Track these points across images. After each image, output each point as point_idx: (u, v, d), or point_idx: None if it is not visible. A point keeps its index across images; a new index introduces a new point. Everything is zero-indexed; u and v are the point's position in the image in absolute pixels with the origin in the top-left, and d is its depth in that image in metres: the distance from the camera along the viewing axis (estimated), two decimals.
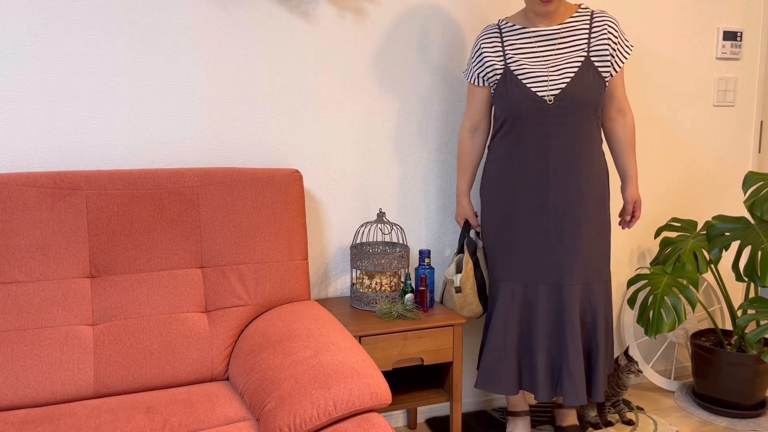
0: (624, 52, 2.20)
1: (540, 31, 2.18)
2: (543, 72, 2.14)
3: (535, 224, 2.21)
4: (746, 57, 3.02)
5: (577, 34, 2.17)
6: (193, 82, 2.20)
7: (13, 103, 2.01)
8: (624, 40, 2.20)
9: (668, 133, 2.94)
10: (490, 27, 2.24)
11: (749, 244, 2.52)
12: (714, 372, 2.70)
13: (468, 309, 2.36)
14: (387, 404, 1.64)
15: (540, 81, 2.14)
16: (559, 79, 2.13)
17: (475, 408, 2.77)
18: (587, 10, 2.21)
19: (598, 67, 2.15)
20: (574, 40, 2.16)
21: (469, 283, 2.34)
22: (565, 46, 2.16)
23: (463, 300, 2.35)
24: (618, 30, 2.19)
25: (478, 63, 2.24)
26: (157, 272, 1.98)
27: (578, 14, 2.20)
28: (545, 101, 2.13)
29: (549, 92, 2.13)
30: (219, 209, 2.05)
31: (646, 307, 2.58)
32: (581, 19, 2.19)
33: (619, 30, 2.19)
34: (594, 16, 2.19)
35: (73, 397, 1.82)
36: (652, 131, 2.91)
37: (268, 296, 2.08)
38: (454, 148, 2.57)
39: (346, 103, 2.40)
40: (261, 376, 1.74)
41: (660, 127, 2.92)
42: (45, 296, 1.86)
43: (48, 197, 1.88)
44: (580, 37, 2.16)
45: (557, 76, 2.13)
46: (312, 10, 2.31)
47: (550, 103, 2.13)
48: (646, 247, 2.99)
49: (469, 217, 2.41)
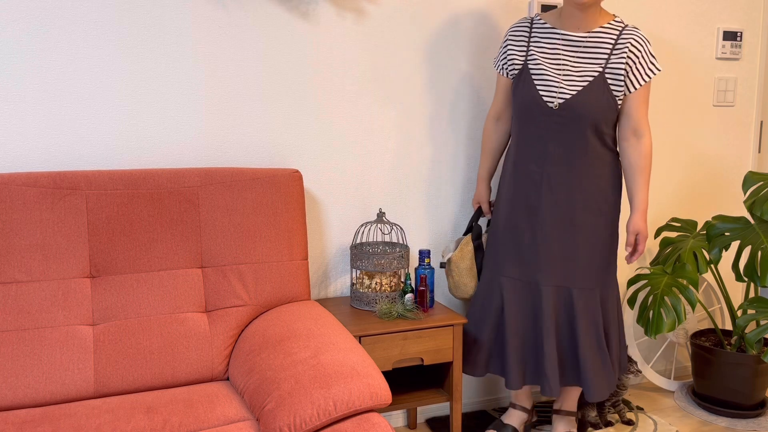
0: (645, 72, 2.13)
1: (567, 36, 2.17)
2: (555, 78, 2.15)
3: (524, 223, 2.25)
4: (746, 57, 3.02)
5: (601, 46, 2.14)
6: (193, 82, 2.20)
7: (13, 103, 2.01)
8: (649, 61, 2.13)
9: (668, 132, 2.94)
10: (523, 20, 2.27)
11: (749, 244, 2.52)
12: (714, 372, 2.70)
13: (461, 290, 2.43)
14: (387, 404, 1.64)
15: (550, 86, 2.15)
16: (568, 88, 2.13)
17: (475, 408, 2.77)
18: (620, 23, 2.15)
19: (610, 85, 2.12)
20: (595, 52, 2.14)
21: (463, 264, 2.40)
22: (585, 56, 2.15)
23: (458, 280, 2.41)
24: (642, 49, 2.12)
25: (502, 54, 2.29)
26: (157, 272, 1.98)
27: (609, 26, 2.15)
28: (548, 107, 2.15)
29: (555, 99, 2.14)
30: (219, 209, 2.05)
31: (646, 307, 2.58)
32: (610, 31, 2.14)
33: (644, 49, 2.12)
34: (623, 31, 2.14)
35: (73, 397, 1.82)
36: (652, 131, 2.91)
37: (268, 296, 2.08)
38: (454, 148, 2.57)
39: (346, 102, 2.40)
40: (261, 376, 1.74)
41: (660, 127, 2.92)
42: (45, 296, 1.86)
43: (48, 197, 1.88)
44: (603, 50, 2.13)
45: (567, 85, 2.13)
46: (312, 10, 2.31)
47: (555, 110, 2.14)
48: (646, 247, 2.99)
49: (482, 203, 2.47)
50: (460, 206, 2.62)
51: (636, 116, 2.18)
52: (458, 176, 2.60)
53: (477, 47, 2.55)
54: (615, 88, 2.13)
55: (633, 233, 2.25)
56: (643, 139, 2.19)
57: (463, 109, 2.56)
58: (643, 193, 2.21)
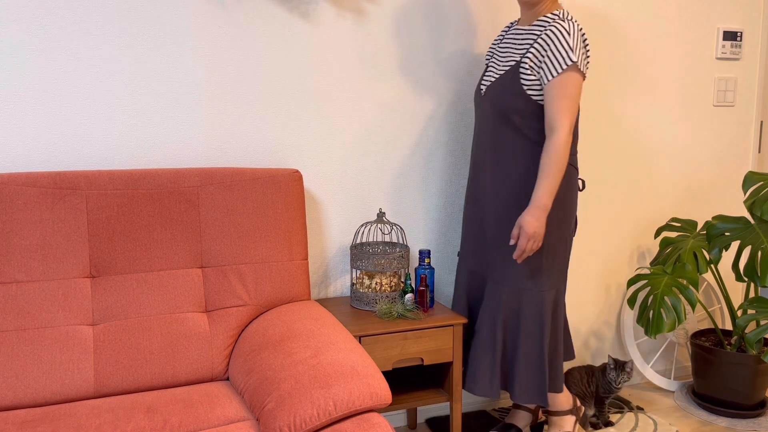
0: (557, 63, 2.01)
1: (514, 30, 2.22)
2: (493, 69, 2.22)
3: (469, 211, 2.36)
4: (746, 57, 3.02)
5: (529, 37, 2.12)
6: (193, 82, 2.20)
7: (13, 103, 2.01)
8: (561, 51, 2.01)
9: (668, 133, 2.94)
10: (504, 27, 2.35)
11: (749, 244, 2.52)
12: (714, 372, 2.70)
13: None
14: (387, 404, 1.64)
15: (487, 77, 2.23)
16: (492, 77, 2.20)
17: (475, 408, 2.77)
18: (555, 15, 2.09)
19: (521, 73, 2.09)
20: (522, 43, 2.14)
21: None
22: (514, 47, 2.17)
23: None
24: (555, 39, 2.02)
25: None
26: (157, 272, 1.98)
27: (543, 19, 2.11)
28: (481, 96, 2.24)
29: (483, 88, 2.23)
30: (219, 209, 2.05)
31: (646, 307, 2.58)
32: (542, 23, 2.10)
33: (558, 39, 2.02)
34: (552, 22, 2.06)
35: (73, 397, 1.82)
36: (652, 131, 2.91)
37: (268, 296, 2.08)
38: (454, 148, 2.57)
39: (346, 103, 2.40)
40: (261, 376, 1.74)
41: (660, 127, 2.92)
42: (45, 296, 1.86)
43: (48, 197, 1.88)
44: (528, 41, 2.11)
45: (492, 74, 2.21)
46: (312, 10, 2.31)
47: (482, 98, 2.22)
48: (646, 247, 2.99)
49: None
50: (460, 206, 2.62)
51: (549, 111, 2.04)
52: (459, 176, 2.60)
53: (478, 47, 2.55)
54: (523, 76, 2.08)
55: (516, 225, 2.07)
56: (553, 135, 2.03)
57: (463, 109, 2.56)
58: (540, 189, 2.04)
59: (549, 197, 2.05)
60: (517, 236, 2.08)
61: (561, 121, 2.02)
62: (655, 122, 2.90)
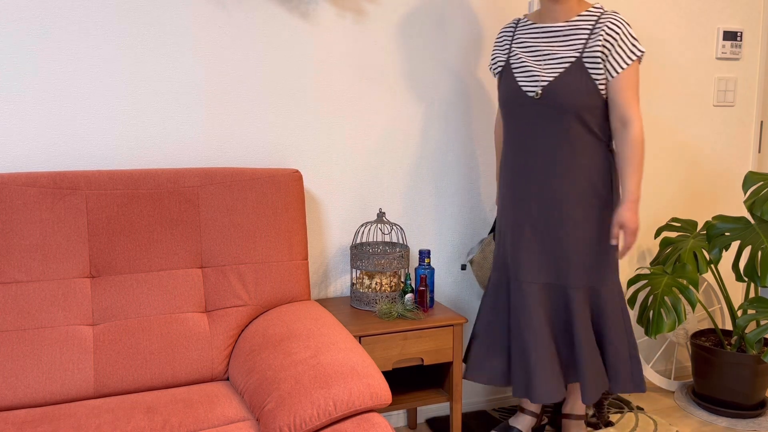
0: (625, 55, 2.06)
1: (545, 27, 2.17)
2: (535, 68, 2.14)
3: (511, 217, 2.25)
4: (746, 57, 3.02)
5: (579, 33, 2.11)
6: (193, 82, 2.20)
7: (13, 103, 2.01)
8: (628, 44, 2.06)
9: (668, 133, 2.94)
10: (509, 23, 2.29)
11: (749, 244, 2.52)
12: (714, 372, 2.70)
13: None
14: (387, 404, 1.64)
15: (531, 76, 2.15)
16: (547, 75, 2.12)
17: (475, 408, 2.77)
18: (599, 10, 2.13)
19: (588, 69, 2.08)
20: (573, 38, 2.12)
21: (487, 265, 2.45)
22: (564, 43, 2.13)
23: (483, 281, 2.48)
24: (620, 32, 2.06)
25: (491, 57, 2.34)
26: (157, 272, 1.98)
27: (587, 13, 2.13)
28: (529, 97, 2.14)
29: (536, 88, 2.13)
30: (219, 209, 2.05)
31: (646, 307, 2.58)
32: (588, 17, 2.12)
33: (622, 32, 2.06)
34: (602, 16, 2.10)
35: (73, 397, 1.82)
36: (652, 131, 2.91)
37: (268, 296, 2.08)
38: (454, 147, 2.57)
39: (346, 103, 2.40)
40: (261, 376, 1.74)
41: (660, 127, 2.92)
42: (45, 296, 1.86)
43: (48, 197, 1.88)
44: (581, 36, 2.11)
45: (546, 72, 2.12)
46: (312, 10, 2.31)
47: (536, 99, 2.13)
48: (646, 247, 2.99)
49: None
50: (460, 206, 2.62)
51: (620, 103, 2.08)
52: (459, 176, 2.60)
53: (477, 47, 2.55)
54: (594, 72, 2.08)
55: (616, 225, 2.13)
56: (629, 126, 2.08)
57: (463, 109, 2.56)
58: (631, 183, 2.09)
59: (639, 189, 2.12)
60: (616, 235, 2.14)
61: (633, 111, 2.09)
62: (655, 122, 2.90)
